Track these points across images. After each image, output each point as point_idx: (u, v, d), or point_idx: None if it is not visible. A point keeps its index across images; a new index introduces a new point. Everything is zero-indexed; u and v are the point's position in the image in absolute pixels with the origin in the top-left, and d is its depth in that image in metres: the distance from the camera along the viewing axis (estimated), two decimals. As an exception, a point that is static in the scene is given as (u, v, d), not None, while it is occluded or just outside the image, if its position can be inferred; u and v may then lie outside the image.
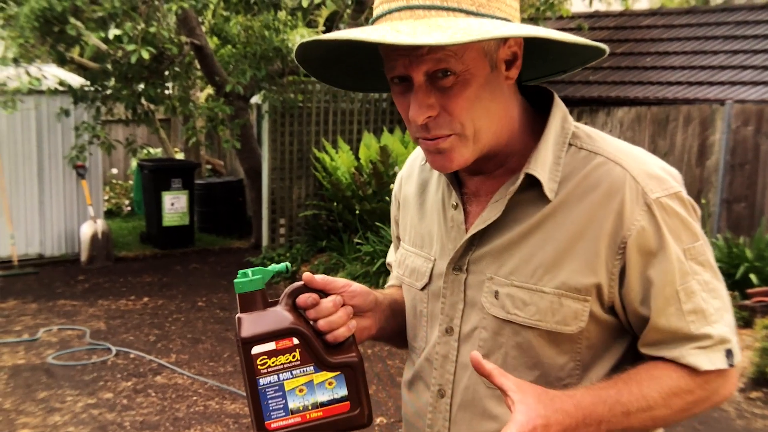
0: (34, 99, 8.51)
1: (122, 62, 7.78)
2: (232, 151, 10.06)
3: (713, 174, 7.28)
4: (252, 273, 1.25)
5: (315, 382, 1.22)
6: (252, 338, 1.20)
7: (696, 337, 1.20)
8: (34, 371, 5.64)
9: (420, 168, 1.46)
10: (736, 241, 6.53)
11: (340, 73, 1.33)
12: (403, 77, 1.17)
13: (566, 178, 1.23)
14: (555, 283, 1.21)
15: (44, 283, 8.17)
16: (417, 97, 1.16)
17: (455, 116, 1.16)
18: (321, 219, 8.85)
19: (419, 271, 1.38)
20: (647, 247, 1.18)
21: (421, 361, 1.37)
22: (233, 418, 4.87)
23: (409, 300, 1.41)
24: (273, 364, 1.20)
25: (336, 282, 1.28)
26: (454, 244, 1.31)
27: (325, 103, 8.96)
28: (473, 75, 1.15)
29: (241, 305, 1.24)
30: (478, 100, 1.16)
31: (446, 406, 1.32)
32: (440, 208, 1.36)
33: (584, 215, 1.20)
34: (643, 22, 10.11)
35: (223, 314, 7.06)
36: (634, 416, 1.17)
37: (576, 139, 1.26)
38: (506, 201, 1.24)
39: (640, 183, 1.19)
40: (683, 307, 1.19)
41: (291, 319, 1.23)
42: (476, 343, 1.28)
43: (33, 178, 8.98)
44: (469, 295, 1.29)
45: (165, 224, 9.57)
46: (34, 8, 6.83)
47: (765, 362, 5.07)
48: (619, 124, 7.95)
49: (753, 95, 7.41)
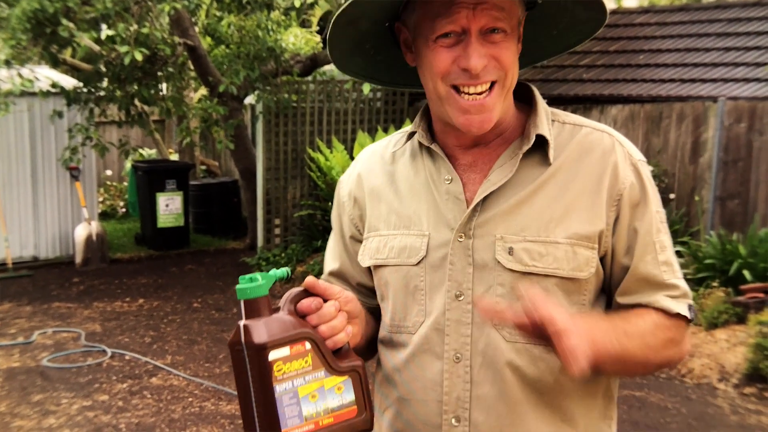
0: (26, 101, 8.49)
1: (115, 63, 7.78)
2: (227, 151, 10.05)
3: (707, 171, 7.29)
4: (254, 278, 1.22)
5: (326, 387, 1.21)
6: (267, 344, 1.17)
7: (667, 286, 1.36)
8: (29, 374, 5.63)
9: (381, 162, 1.51)
10: (729, 237, 6.54)
11: (361, 62, 1.48)
12: (457, 32, 1.30)
13: (558, 146, 1.38)
14: (567, 233, 1.33)
15: (39, 285, 8.16)
16: (476, 47, 1.29)
17: (503, 64, 1.31)
18: (316, 219, 8.85)
19: (412, 247, 1.41)
20: (635, 200, 1.36)
21: (423, 334, 1.39)
22: (229, 419, 4.87)
23: (399, 279, 1.42)
24: (288, 370, 1.18)
25: (333, 288, 1.29)
26: (453, 213, 1.38)
27: (319, 103, 8.95)
28: (514, 37, 1.33)
29: (246, 312, 1.20)
30: (515, 61, 1.34)
31: (465, 369, 1.36)
32: (428, 186, 1.42)
33: (585, 173, 1.36)
34: (636, 20, 10.12)
35: (219, 315, 7.06)
36: (631, 337, 1.30)
37: (556, 115, 1.43)
38: (518, 161, 1.36)
39: (625, 147, 1.40)
40: (658, 257, 1.36)
41: (301, 324, 1.22)
42: (492, 301, 1.34)
43: (26, 180, 8.97)
44: (477, 258, 1.36)
45: (160, 225, 9.56)
46: (25, 9, 6.82)
47: (759, 358, 5.09)
48: (612, 122, 7.96)
49: (746, 92, 7.43)
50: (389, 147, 1.51)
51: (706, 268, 6.24)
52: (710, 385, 5.24)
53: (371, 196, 1.50)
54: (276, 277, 1.24)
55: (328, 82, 9.03)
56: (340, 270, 1.55)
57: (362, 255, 1.49)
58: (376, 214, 1.48)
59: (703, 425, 4.71)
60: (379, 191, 1.49)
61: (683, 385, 5.25)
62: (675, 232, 7.24)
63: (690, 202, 7.42)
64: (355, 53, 1.45)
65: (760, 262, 6.08)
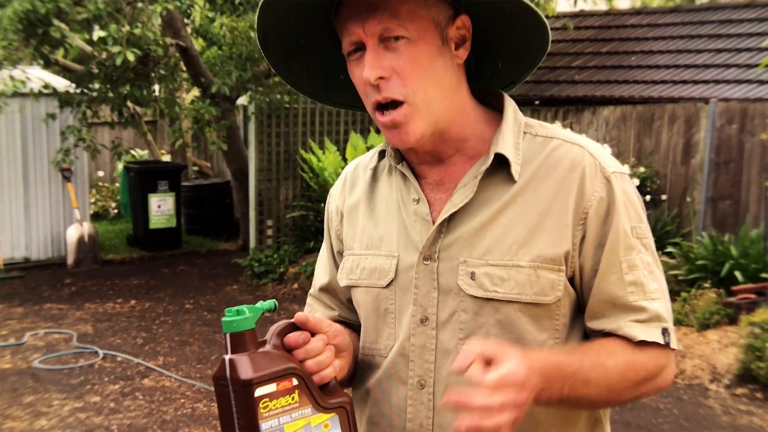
0: (18, 102, 8.47)
1: (107, 64, 7.76)
2: (219, 152, 10.04)
3: (698, 172, 7.32)
4: (241, 311, 1.18)
5: (312, 424, 1.18)
6: (253, 380, 1.13)
7: (633, 308, 1.26)
8: (20, 375, 5.61)
9: (364, 176, 1.46)
10: (721, 238, 6.57)
11: (302, 72, 1.40)
12: (358, 46, 1.23)
13: (527, 161, 1.29)
14: (530, 256, 1.25)
15: (30, 286, 8.13)
16: (369, 58, 1.22)
17: (406, 79, 1.22)
18: (308, 220, 8.85)
19: (382, 269, 1.37)
20: (603, 216, 1.26)
21: (391, 358, 1.36)
22: (221, 420, 4.86)
23: (369, 302, 1.39)
24: (274, 407, 1.15)
25: (323, 322, 1.26)
26: (420, 235, 1.32)
27: (311, 104, 8.95)
28: (424, 41, 1.22)
29: (232, 346, 1.16)
30: (430, 68, 1.23)
31: (428, 396, 1.32)
32: (398, 206, 1.37)
33: (550, 191, 1.27)
34: (628, 21, 10.16)
35: (211, 316, 7.05)
36: (593, 384, 1.21)
37: (529, 127, 1.33)
38: (477, 182, 1.28)
39: (597, 158, 1.29)
40: (624, 277, 1.26)
41: (288, 359, 1.18)
42: (456, 327, 1.29)
43: (18, 181, 8.93)
44: (442, 282, 1.30)
45: (152, 226, 9.54)
46: (17, 10, 6.80)
47: (750, 359, 5.10)
48: (604, 123, 7.98)
49: (737, 93, 7.46)
50: (372, 161, 1.45)
51: (697, 269, 6.26)
52: (702, 386, 5.26)
53: (349, 213, 1.46)
54: (263, 309, 1.21)
55: (321, 83, 9.02)
56: (329, 285, 1.50)
57: (340, 274, 1.45)
58: (352, 232, 1.45)
59: (694, 426, 4.72)
60: (357, 208, 1.45)
61: (675, 386, 5.26)
62: (667, 233, 7.26)
63: (682, 203, 7.44)
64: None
65: (751, 263, 6.10)
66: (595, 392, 1.21)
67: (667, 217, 7.34)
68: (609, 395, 1.24)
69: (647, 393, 1.30)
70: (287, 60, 1.38)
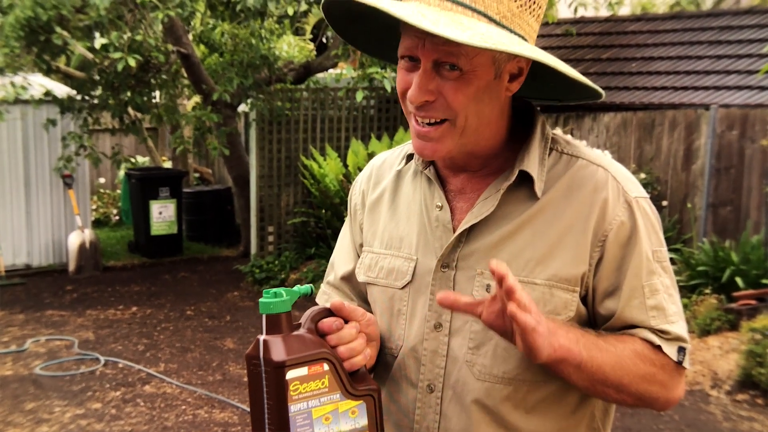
0: (20, 108, 8.49)
1: (109, 71, 7.77)
2: (220, 159, 10.05)
3: (699, 178, 7.32)
4: (278, 293, 1.20)
5: (340, 410, 1.20)
6: (286, 362, 1.16)
7: (655, 331, 1.28)
8: (21, 382, 5.61)
9: (390, 173, 1.48)
10: (721, 244, 6.57)
11: (361, 33, 1.40)
12: (412, 57, 1.24)
13: (551, 178, 1.31)
14: (546, 274, 1.27)
15: (32, 293, 8.13)
16: (420, 80, 1.22)
17: (451, 105, 1.23)
18: (310, 226, 8.85)
19: (399, 270, 1.39)
20: (623, 240, 1.28)
21: (402, 358, 1.38)
22: (222, 426, 4.86)
23: (385, 300, 1.41)
24: (304, 391, 1.17)
25: (358, 310, 1.29)
26: (441, 242, 1.34)
27: (312, 111, 8.97)
28: (477, 77, 1.22)
29: (267, 327, 1.19)
30: (477, 101, 1.24)
31: (437, 401, 1.34)
32: (421, 210, 1.39)
33: (571, 211, 1.28)
34: (629, 28, 10.16)
35: (212, 323, 7.05)
36: (606, 353, 1.23)
37: (556, 143, 1.35)
38: (499, 196, 1.30)
39: (620, 183, 1.30)
40: (647, 302, 1.28)
41: (320, 344, 1.20)
42: (467, 336, 1.31)
43: (20, 188, 8.94)
44: (458, 290, 1.32)
45: (153, 233, 9.55)
46: (19, 17, 6.81)
47: (751, 365, 5.10)
48: (605, 130, 7.99)
49: (737, 100, 7.46)
50: (400, 162, 1.47)
51: (698, 275, 6.26)
52: (703, 392, 5.26)
53: (371, 208, 1.49)
54: (300, 293, 1.23)
55: (322, 90, 9.04)
56: (352, 274, 1.51)
57: (358, 269, 1.48)
58: (373, 229, 1.47)
59: (696, 432, 4.72)
60: (380, 204, 1.47)
61: (676, 392, 5.26)
62: (668, 240, 7.19)
63: (682, 209, 7.44)
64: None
65: (752, 269, 6.10)
66: (608, 361, 1.23)
67: (668, 224, 7.33)
68: (621, 375, 1.24)
69: (655, 397, 1.29)
70: (347, 21, 1.37)
